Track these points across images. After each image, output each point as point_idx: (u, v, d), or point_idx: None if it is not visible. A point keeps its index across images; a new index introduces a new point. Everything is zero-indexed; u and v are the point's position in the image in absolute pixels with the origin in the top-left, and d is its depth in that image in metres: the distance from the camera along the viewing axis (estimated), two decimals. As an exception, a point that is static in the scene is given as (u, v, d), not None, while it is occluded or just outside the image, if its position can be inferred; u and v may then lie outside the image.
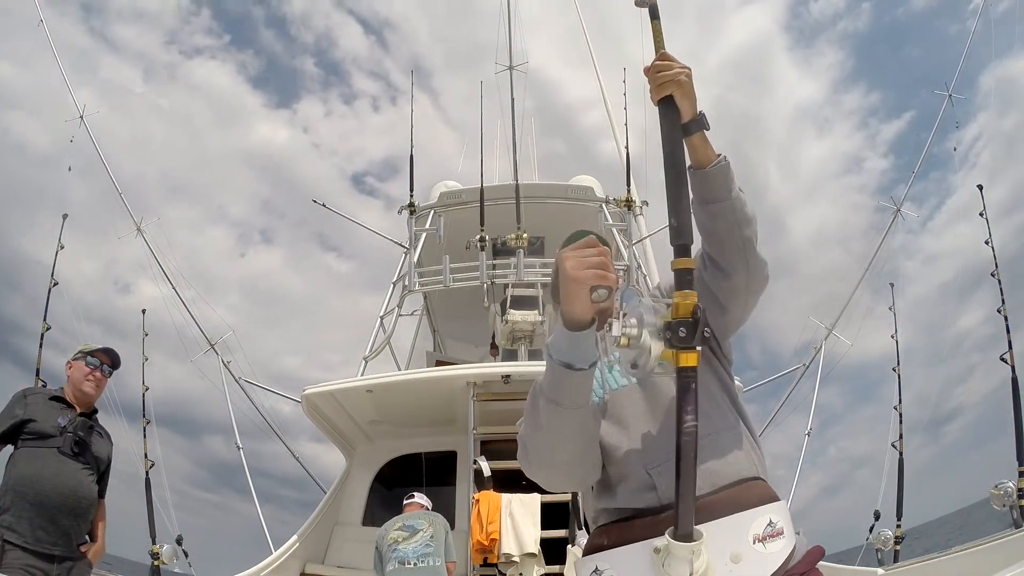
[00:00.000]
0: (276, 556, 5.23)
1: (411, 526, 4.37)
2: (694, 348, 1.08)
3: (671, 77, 1.24)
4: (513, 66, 10.18)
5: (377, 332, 7.42)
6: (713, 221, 1.30)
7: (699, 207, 1.30)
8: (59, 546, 2.83)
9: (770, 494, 1.28)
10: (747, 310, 1.40)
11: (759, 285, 1.37)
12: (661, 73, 1.25)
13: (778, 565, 1.16)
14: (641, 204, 8.48)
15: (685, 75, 1.25)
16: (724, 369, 1.42)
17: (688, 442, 1.06)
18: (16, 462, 2.87)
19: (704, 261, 1.34)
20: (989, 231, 6.09)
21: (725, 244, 1.30)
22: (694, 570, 1.08)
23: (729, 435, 1.32)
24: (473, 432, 5.26)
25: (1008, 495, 4.61)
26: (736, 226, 1.29)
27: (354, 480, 6.31)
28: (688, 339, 1.07)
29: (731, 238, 1.29)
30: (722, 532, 1.16)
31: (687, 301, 1.09)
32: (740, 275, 1.32)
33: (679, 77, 1.24)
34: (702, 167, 1.28)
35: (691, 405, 1.07)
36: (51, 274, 5.89)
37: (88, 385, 3.14)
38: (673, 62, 1.26)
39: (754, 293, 1.37)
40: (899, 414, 6.60)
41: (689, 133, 1.26)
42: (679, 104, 1.25)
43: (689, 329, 1.07)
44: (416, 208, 7.94)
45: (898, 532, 5.76)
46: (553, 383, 1.17)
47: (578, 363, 1.14)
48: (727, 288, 1.33)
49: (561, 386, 1.16)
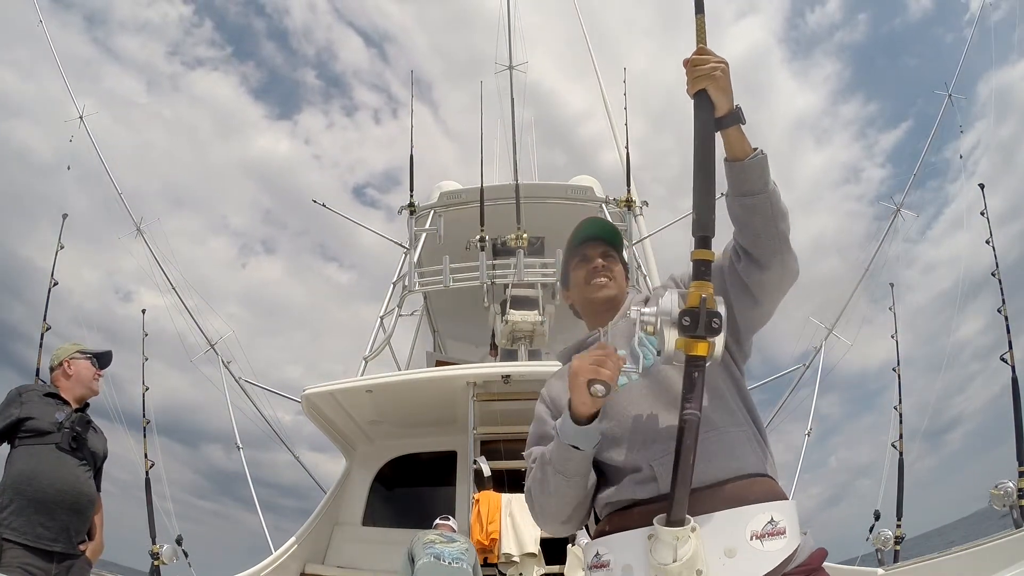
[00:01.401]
0: (276, 556, 5.23)
1: (450, 536, 4.40)
2: (704, 338, 1.12)
3: (707, 72, 1.26)
4: (513, 66, 10.18)
5: (377, 332, 7.42)
6: (750, 214, 1.31)
7: (735, 200, 1.32)
8: (59, 543, 2.83)
9: (776, 492, 1.28)
10: (776, 303, 1.42)
11: (791, 278, 1.39)
12: (697, 67, 1.27)
13: (774, 565, 1.15)
14: (641, 204, 8.48)
15: (721, 70, 1.26)
16: (738, 367, 1.45)
17: (687, 429, 1.10)
18: (14, 460, 2.86)
19: (737, 254, 1.36)
20: (990, 230, 6.08)
21: (761, 237, 1.31)
22: (678, 556, 1.10)
23: (737, 432, 1.33)
24: (473, 432, 5.25)
25: (1008, 495, 4.60)
26: (772, 219, 1.31)
27: (354, 480, 6.30)
28: (691, 328, 1.12)
29: (767, 231, 1.31)
30: (719, 525, 1.17)
31: (699, 292, 1.13)
32: (775, 268, 1.33)
33: (715, 72, 1.26)
34: (739, 160, 1.29)
35: (693, 394, 1.11)
36: (51, 273, 5.88)
37: (97, 384, 3.24)
38: (710, 56, 1.27)
39: (786, 286, 1.40)
40: (899, 414, 6.60)
41: (724, 127, 1.28)
42: (714, 98, 1.26)
43: (693, 319, 1.12)
44: (416, 208, 7.94)
45: (898, 532, 5.75)
46: (560, 459, 1.30)
47: (583, 446, 1.27)
48: (761, 281, 1.34)
49: (568, 462, 1.30)
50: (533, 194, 7.96)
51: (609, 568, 1.24)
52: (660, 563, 1.12)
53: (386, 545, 5.81)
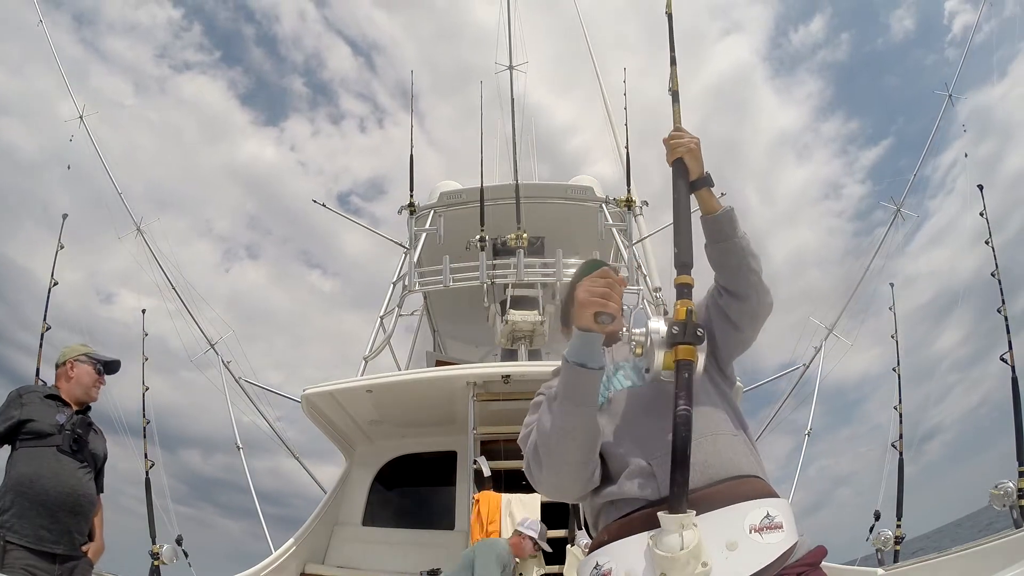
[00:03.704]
0: (276, 556, 5.23)
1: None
2: (692, 344, 1.28)
3: (683, 145, 1.55)
4: (513, 66, 10.18)
5: (377, 332, 7.41)
6: (725, 257, 1.54)
7: (712, 247, 1.55)
8: (61, 545, 2.83)
9: (769, 491, 1.33)
10: (755, 331, 1.61)
11: (766, 310, 1.59)
12: (675, 142, 1.57)
13: (776, 556, 1.18)
14: (641, 204, 8.48)
15: (694, 143, 1.56)
16: (726, 388, 1.58)
17: (681, 423, 1.20)
18: (15, 462, 2.86)
19: (719, 292, 1.57)
20: (989, 230, 6.08)
21: (736, 274, 1.53)
22: (685, 543, 1.13)
23: (729, 437, 1.41)
24: (473, 432, 5.25)
25: (1008, 495, 4.60)
26: (744, 259, 1.53)
27: (354, 480, 6.30)
28: (680, 335, 1.29)
29: (741, 269, 1.53)
30: (718, 521, 1.20)
31: (684, 307, 1.32)
32: (752, 299, 1.54)
33: (690, 146, 1.55)
34: (712, 214, 1.54)
35: (684, 392, 1.23)
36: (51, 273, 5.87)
37: (95, 391, 3.21)
38: (684, 133, 1.58)
39: (762, 315, 1.59)
40: (899, 414, 6.60)
41: (697, 188, 1.56)
42: (689, 166, 1.55)
43: (681, 328, 1.30)
44: (416, 208, 7.93)
45: (898, 532, 5.75)
46: (568, 384, 1.32)
47: (590, 362, 1.30)
48: (741, 310, 1.54)
49: (576, 385, 1.31)
50: (533, 194, 7.95)
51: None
52: (667, 553, 1.13)
53: (386, 545, 5.83)
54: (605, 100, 9.75)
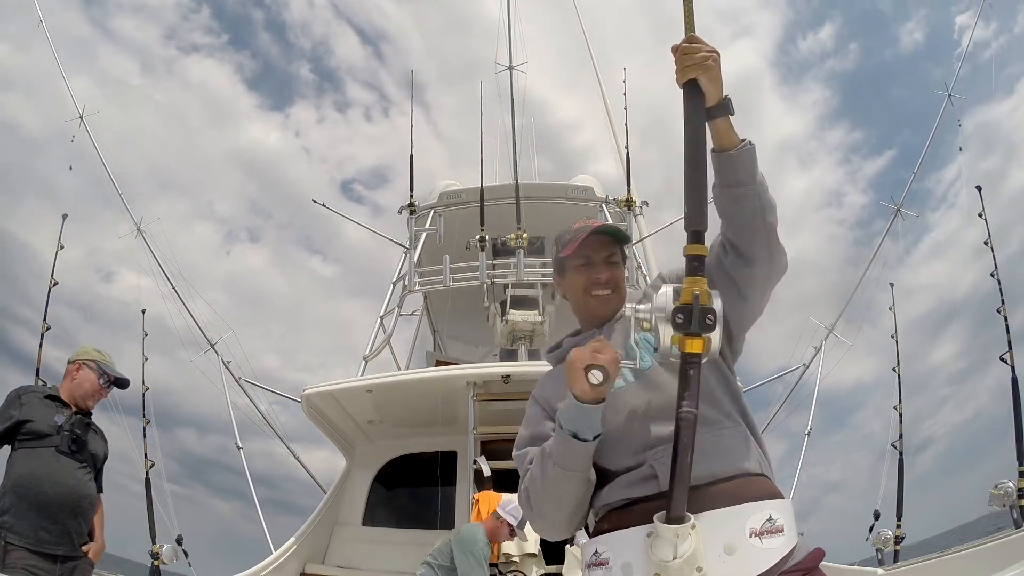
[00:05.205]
0: (276, 556, 5.23)
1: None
2: (698, 335, 1.10)
3: (698, 61, 1.20)
4: (513, 66, 10.17)
5: (377, 332, 7.41)
6: (737, 205, 1.28)
7: (722, 191, 1.29)
8: (62, 546, 2.83)
9: (772, 491, 1.29)
10: (764, 299, 1.40)
11: (779, 273, 1.37)
12: (688, 56, 1.21)
13: (773, 562, 1.16)
14: (641, 204, 8.48)
15: (712, 59, 1.21)
16: (728, 366, 1.43)
17: (685, 427, 1.10)
18: (14, 463, 2.86)
19: (724, 248, 1.33)
20: (988, 232, 6.08)
21: (748, 230, 1.29)
22: (678, 553, 1.10)
23: (732, 432, 1.34)
24: (473, 432, 5.25)
25: (1008, 495, 4.60)
26: (760, 211, 1.28)
27: (354, 480, 6.30)
28: (685, 325, 1.10)
29: (754, 224, 1.29)
30: (718, 522, 1.17)
31: (694, 288, 1.10)
32: (762, 262, 1.32)
33: (706, 61, 1.20)
34: (727, 150, 1.26)
35: (689, 391, 1.10)
36: (51, 274, 5.87)
37: (92, 401, 3.18)
38: (701, 45, 1.22)
39: (773, 281, 1.38)
40: (899, 414, 6.60)
41: (713, 117, 1.24)
42: (705, 88, 1.21)
43: (687, 315, 1.10)
44: (416, 208, 7.93)
45: (898, 532, 5.75)
46: (561, 452, 1.27)
47: (583, 434, 1.24)
48: (748, 276, 1.32)
49: (568, 455, 1.26)
50: (533, 194, 7.95)
51: (608, 566, 1.24)
52: (661, 560, 1.12)
53: (386, 545, 5.82)
54: (605, 100, 9.73)
